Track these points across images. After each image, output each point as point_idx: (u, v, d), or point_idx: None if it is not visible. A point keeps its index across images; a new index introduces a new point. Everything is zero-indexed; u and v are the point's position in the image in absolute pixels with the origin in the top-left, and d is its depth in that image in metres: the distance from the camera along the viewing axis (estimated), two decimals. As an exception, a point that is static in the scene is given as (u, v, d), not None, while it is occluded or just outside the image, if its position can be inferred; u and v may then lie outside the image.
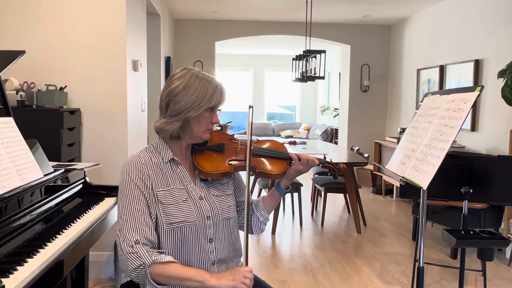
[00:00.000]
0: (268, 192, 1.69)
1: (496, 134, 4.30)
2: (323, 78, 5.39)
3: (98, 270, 3.15)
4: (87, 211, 2.10)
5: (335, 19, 6.66)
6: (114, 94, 3.11)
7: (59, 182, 2.09)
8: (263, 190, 5.78)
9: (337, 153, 5.18)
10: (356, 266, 3.53)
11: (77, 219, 1.95)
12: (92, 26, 3.06)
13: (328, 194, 5.42)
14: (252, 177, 5.35)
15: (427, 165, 1.89)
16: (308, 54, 5.40)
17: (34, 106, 2.84)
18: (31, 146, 1.97)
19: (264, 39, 8.43)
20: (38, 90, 2.90)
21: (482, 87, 1.86)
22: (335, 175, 1.70)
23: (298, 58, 5.92)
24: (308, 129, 10.80)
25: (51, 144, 2.66)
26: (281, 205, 5.35)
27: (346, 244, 4.09)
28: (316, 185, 5.09)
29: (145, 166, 1.44)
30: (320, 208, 5.29)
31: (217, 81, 1.48)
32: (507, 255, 3.68)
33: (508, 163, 2.38)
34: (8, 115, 2.20)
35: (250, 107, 1.45)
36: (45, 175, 1.95)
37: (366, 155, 4.88)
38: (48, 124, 2.71)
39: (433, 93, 2.29)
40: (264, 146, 1.66)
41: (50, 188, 1.98)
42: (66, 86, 3.02)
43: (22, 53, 2.37)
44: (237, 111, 11.45)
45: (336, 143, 8.45)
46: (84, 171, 2.40)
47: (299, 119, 12.04)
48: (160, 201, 1.42)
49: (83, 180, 2.38)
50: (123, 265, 1.34)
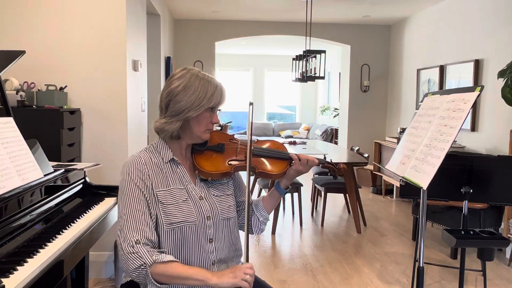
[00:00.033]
0: (268, 192, 1.70)
1: (496, 134, 4.31)
2: (323, 78, 5.39)
3: (98, 270, 3.15)
4: (87, 211, 2.10)
5: (335, 19, 6.66)
6: (114, 94, 3.12)
7: (59, 182, 2.09)
8: (263, 190, 5.78)
9: (337, 153, 5.18)
10: (356, 266, 3.53)
11: (77, 219, 1.95)
12: (92, 26, 3.06)
13: (328, 194, 5.42)
14: (252, 177, 5.35)
15: (427, 165, 1.89)
16: (308, 54, 5.40)
17: (34, 106, 2.84)
18: (31, 146, 1.97)
19: (264, 39, 8.43)
20: (38, 90, 2.90)
21: (482, 87, 1.86)
22: (335, 175, 1.70)
23: (298, 58, 5.92)
24: (308, 129, 10.80)
25: (51, 144, 2.66)
26: (281, 205, 5.35)
27: (346, 244, 4.09)
28: (316, 185, 5.09)
29: (145, 166, 1.44)
30: (320, 208, 5.29)
31: (217, 81, 1.48)
32: (507, 255, 3.68)
33: (508, 163, 2.38)
34: (8, 115, 2.20)
35: (251, 104, 1.44)
36: (45, 175, 1.95)
37: (366, 155, 4.88)
38: (48, 124, 2.71)
39: (433, 93, 2.29)
40: (264, 146, 1.66)
41: (50, 188, 1.98)
42: (66, 86, 3.03)
43: (22, 53, 2.37)
44: (237, 111, 11.45)
45: (336, 143, 8.45)
46: (84, 171, 2.40)
47: (299, 119, 12.04)
48: (160, 201, 1.42)
49: (83, 180, 2.38)
50: (124, 265, 1.34)
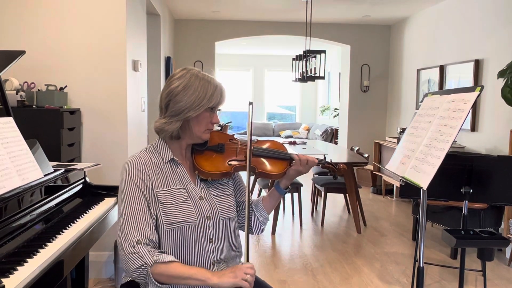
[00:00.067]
0: (268, 192, 1.70)
1: (496, 134, 4.31)
2: (323, 78, 5.39)
3: (98, 270, 3.15)
4: (87, 211, 2.10)
5: (335, 19, 6.66)
6: (114, 94, 3.12)
7: (59, 182, 2.09)
8: (263, 190, 5.78)
9: (337, 153, 5.18)
10: (356, 266, 3.53)
11: (77, 219, 1.95)
12: (92, 26, 3.06)
13: (328, 194, 5.42)
14: (252, 177, 5.35)
15: (427, 165, 1.89)
16: (308, 54, 5.40)
17: (34, 106, 2.84)
18: (31, 146, 1.97)
19: (264, 39, 8.43)
20: (38, 90, 2.90)
21: (482, 87, 1.86)
22: (335, 175, 1.70)
23: (298, 58, 5.92)
24: (308, 129, 10.80)
25: (51, 144, 2.66)
26: (281, 205, 5.35)
27: (346, 244, 4.09)
28: (316, 185, 5.09)
29: (145, 166, 1.44)
30: (320, 208, 5.29)
31: (217, 81, 1.48)
32: (507, 255, 3.68)
33: (508, 163, 2.38)
34: (8, 115, 2.20)
35: (250, 104, 1.44)
36: (45, 175, 1.95)
37: (366, 155, 4.88)
38: (48, 124, 2.71)
39: (433, 93, 2.29)
40: (264, 146, 1.66)
41: (50, 188, 1.98)
42: (66, 86, 3.03)
43: (22, 53, 2.37)
44: (237, 111, 11.45)
45: (336, 143, 8.45)
46: (84, 171, 2.40)
47: (299, 119, 12.04)
48: (160, 201, 1.42)
49: (83, 180, 2.38)
50: (125, 265, 1.34)
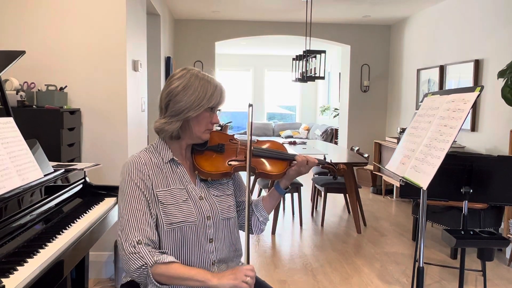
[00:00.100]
0: (268, 192, 1.70)
1: (496, 134, 4.31)
2: (323, 78, 5.39)
3: (98, 270, 3.15)
4: (87, 211, 2.10)
5: (335, 19, 6.66)
6: (114, 94, 3.12)
7: (59, 182, 2.09)
8: (263, 190, 5.78)
9: (337, 153, 5.18)
10: (356, 266, 3.53)
11: (77, 219, 1.95)
12: (92, 26, 3.06)
13: (328, 194, 5.42)
14: (252, 177, 5.35)
15: (427, 165, 1.89)
16: (308, 54, 5.40)
17: (34, 106, 2.84)
18: (31, 146, 1.97)
19: (264, 39, 8.43)
20: (38, 90, 2.90)
21: (482, 87, 1.86)
22: (335, 176, 1.70)
23: (298, 58, 5.92)
24: (308, 129, 10.80)
25: (51, 144, 2.66)
26: (281, 205, 5.35)
27: (346, 244, 4.09)
28: (316, 185, 5.09)
29: (145, 166, 1.44)
30: (320, 208, 5.29)
31: (217, 81, 1.48)
32: (507, 255, 3.68)
33: (508, 163, 2.38)
34: (8, 115, 2.20)
35: (250, 106, 1.44)
36: (45, 175, 1.95)
37: (366, 155, 4.88)
38: (48, 124, 2.71)
39: (433, 93, 2.29)
40: (264, 147, 1.66)
41: (50, 188, 1.98)
42: (66, 86, 3.03)
43: (22, 53, 2.37)
44: (237, 111, 11.45)
45: (336, 143, 8.45)
46: (84, 171, 2.40)
47: (299, 119, 12.04)
48: (160, 201, 1.42)
49: (83, 180, 2.38)
50: (125, 265, 1.34)
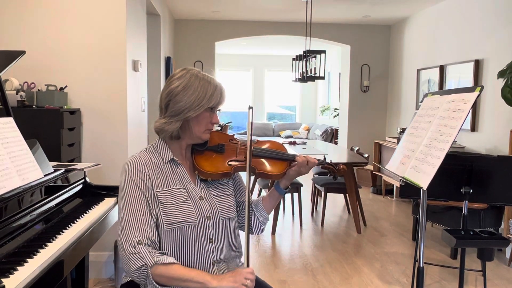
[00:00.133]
0: (268, 192, 1.70)
1: (496, 134, 4.31)
2: (323, 78, 5.39)
3: (98, 270, 3.15)
4: (87, 211, 2.10)
5: (335, 19, 6.66)
6: (114, 94, 3.12)
7: (59, 182, 2.09)
8: (263, 190, 5.78)
9: (337, 153, 5.17)
10: (356, 266, 3.53)
11: (77, 219, 1.95)
12: (92, 26, 3.06)
13: (328, 194, 5.42)
14: (252, 177, 5.35)
15: (427, 165, 1.89)
16: (308, 54, 5.40)
17: (34, 106, 2.84)
18: (31, 146, 1.97)
19: (264, 39, 8.43)
20: (38, 90, 2.90)
21: (482, 88, 1.87)
22: (335, 176, 1.70)
23: (298, 58, 5.92)
24: (308, 129, 10.80)
25: (51, 144, 2.66)
26: (281, 205, 5.35)
27: (346, 244, 4.09)
28: (316, 185, 5.09)
29: (145, 167, 1.44)
30: (320, 208, 5.29)
31: (217, 81, 1.48)
32: (507, 255, 3.68)
33: (508, 163, 2.38)
34: (8, 115, 2.20)
35: (250, 108, 1.43)
36: (45, 175, 1.95)
37: (366, 155, 4.88)
38: (48, 124, 2.71)
39: (433, 93, 2.29)
40: (264, 147, 1.66)
41: (50, 188, 1.98)
42: (66, 86, 3.03)
43: (22, 53, 2.37)
44: (237, 111, 11.45)
45: (336, 143, 8.45)
46: (84, 171, 2.40)
47: (299, 119, 12.04)
48: (161, 202, 1.42)
49: (83, 180, 2.38)
50: (125, 265, 1.34)
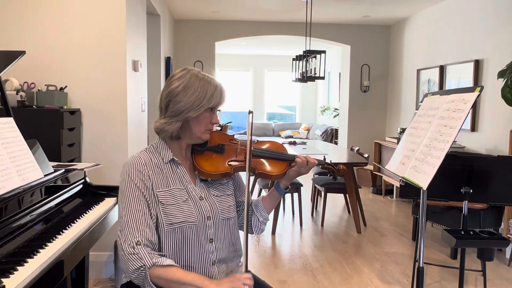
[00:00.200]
0: (268, 192, 1.70)
1: (496, 134, 4.31)
2: (323, 78, 5.39)
3: (98, 270, 3.15)
4: (87, 211, 2.10)
5: (335, 19, 6.66)
6: (114, 94, 3.12)
7: (59, 182, 2.09)
8: (263, 190, 5.78)
9: (337, 153, 5.17)
10: (356, 266, 3.53)
11: (77, 219, 1.95)
12: (92, 26, 3.06)
13: (328, 194, 5.42)
14: (252, 178, 5.35)
15: (427, 166, 1.89)
16: (308, 54, 5.40)
17: (34, 107, 2.84)
18: (31, 146, 1.97)
19: (264, 39, 8.43)
20: (38, 91, 2.90)
21: (482, 88, 1.87)
22: (335, 176, 1.70)
23: (298, 58, 5.92)
24: (308, 129, 10.80)
25: (51, 144, 2.66)
26: (281, 205, 5.35)
27: (346, 244, 4.09)
28: (316, 185, 5.09)
29: (145, 167, 1.44)
30: (320, 208, 5.29)
31: (217, 82, 1.48)
32: (507, 255, 3.68)
33: (508, 163, 2.38)
34: (8, 116, 2.20)
35: (250, 113, 1.43)
36: (45, 175, 1.95)
37: (366, 155, 4.88)
38: (48, 125, 2.71)
39: (433, 94, 2.29)
40: (264, 147, 1.66)
41: (50, 188, 1.98)
42: (66, 86, 3.03)
43: (22, 54, 2.37)
44: (237, 111, 11.45)
45: (336, 143, 8.45)
46: (84, 171, 2.40)
47: (299, 119, 12.04)
48: (161, 202, 1.42)
49: (83, 180, 2.38)
50: (124, 266, 1.34)
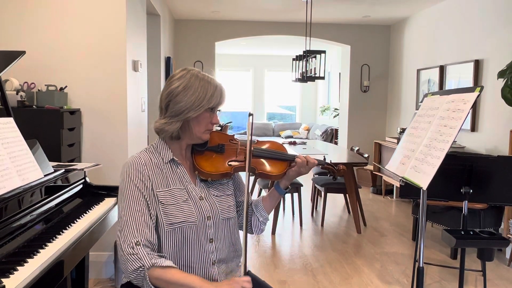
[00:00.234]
0: (268, 192, 1.70)
1: (496, 134, 4.31)
2: (323, 78, 5.39)
3: (98, 270, 3.15)
4: (87, 211, 2.10)
5: (335, 19, 6.66)
6: (114, 94, 3.12)
7: (59, 183, 2.09)
8: (263, 190, 5.78)
9: (337, 153, 5.17)
10: (356, 266, 3.53)
11: (77, 219, 1.95)
12: (92, 26, 3.06)
13: (328, 194, 5.42)
14: (252, 178, 5.35)
15: (427, 166, 1.89)
16: (308, 55, 5.40)
17: (34, 107, 2.84)
18: (31, 147, 1.97)
19: (264, 39, 8.43)
20: (38, 91, 2.90)
21: (482, 88, 1.86)
22: (335, 176, 1.70)
23: (298, 58, 5.92)
24: (308, 129, 10.80)
25: (51, 144, 2.66)
26: (281, 205, 5.35)
27: (346, 244, 4.09)
28: (316, 185, 5.09)
29: (145, 167, 1.44)
30: (320, 208, 5.29)
31: (217, 82, 1.48)
32: (507, 255, 3.68)
33: (508, 163, 2.38)
34: (9, 116, 2.20)
35: (250, 115, 1.42)
36: (45, 176, 1.95)
37: (366, 155, 4.88)
38: (48, 125, 2.71)
39: (433, 94, 2.29)
40: (264, 147, 1.66)
41: (50, 189, 1.98)
42: (66, 86, 3.03)
43: (22, 54, 2.37)
44: (237, 111, 11.45)
45: (336, 143, 8.45)
46: (84, 171, 2.40)
47: (299, 119, 12.04)
48: (161, 202, 1.42)
49: (83, 181, 2.38)
50: (123, 266, 1.34)
